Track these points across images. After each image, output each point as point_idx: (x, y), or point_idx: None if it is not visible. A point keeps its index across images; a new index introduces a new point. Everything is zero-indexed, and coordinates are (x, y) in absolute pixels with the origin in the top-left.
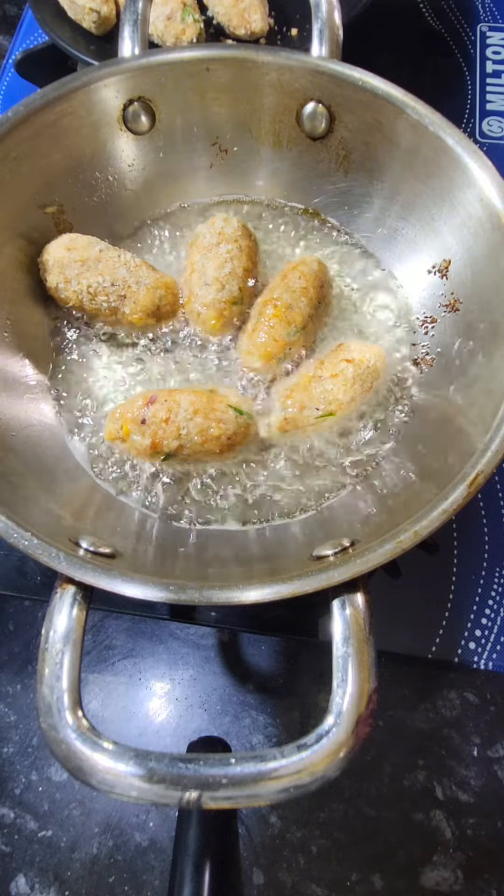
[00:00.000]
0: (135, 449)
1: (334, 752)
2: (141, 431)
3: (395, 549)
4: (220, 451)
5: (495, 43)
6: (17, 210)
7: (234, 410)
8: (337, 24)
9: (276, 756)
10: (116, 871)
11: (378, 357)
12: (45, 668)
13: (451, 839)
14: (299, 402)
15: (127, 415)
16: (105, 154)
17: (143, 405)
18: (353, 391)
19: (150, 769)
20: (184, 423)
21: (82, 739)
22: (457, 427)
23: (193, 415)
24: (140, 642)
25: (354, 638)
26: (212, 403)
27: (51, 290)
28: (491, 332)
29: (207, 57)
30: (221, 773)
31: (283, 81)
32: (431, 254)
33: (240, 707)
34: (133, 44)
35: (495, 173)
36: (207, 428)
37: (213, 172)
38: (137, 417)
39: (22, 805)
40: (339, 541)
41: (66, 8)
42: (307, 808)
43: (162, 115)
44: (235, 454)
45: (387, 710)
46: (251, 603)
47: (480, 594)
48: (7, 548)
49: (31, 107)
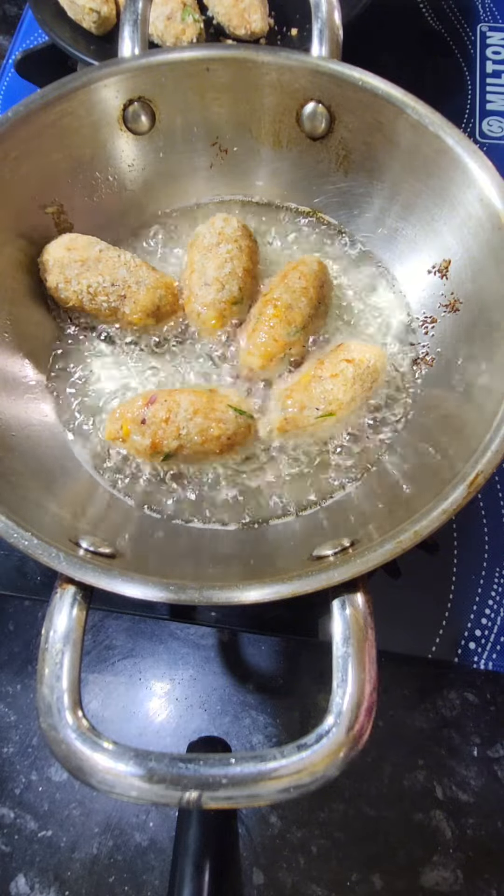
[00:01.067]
0: (135, 449)
1: (334, 751)
2: (141, 431)
3: (395, 548)
4: (220, 451)
5: (495, 43)
6: (17, 210)
7: (234, 410)
8: (337, 24)
9: (276, 756)
10: (116, 871)
11: (378, 357)
12: (45, 668)
13: (451, 839)
14: (299, 402)
15: (127, 415)
16: (105, 154)
17: (143, 405)
18: (353, 391)
19: (150, 769)
20: (184, 423)
21: (82, 739)
22: (457, 427)
23: (193, 415)
24: (140, 642)
25: (354, 638)
26: (212, 403)
27: (51, 290)
28: (490, 332)
29: (207, 57)
30: (221, 773)
31: (283, 81)
32: (431, 254)
33: (240, 707)
34: (133, 44)
35: (495, 173)
36: (207, 428)
37: (213, 173)
38: (137, 417)
39: (22, 805)
40: (338, 541)
41: (66, 8)
42: (307, 808)
43: (162, 116)
44: (235, 454)
45: (387, 710)
46: (251, 603)
47: (480, 594)
48: (7, 548)
49: (31, 107)
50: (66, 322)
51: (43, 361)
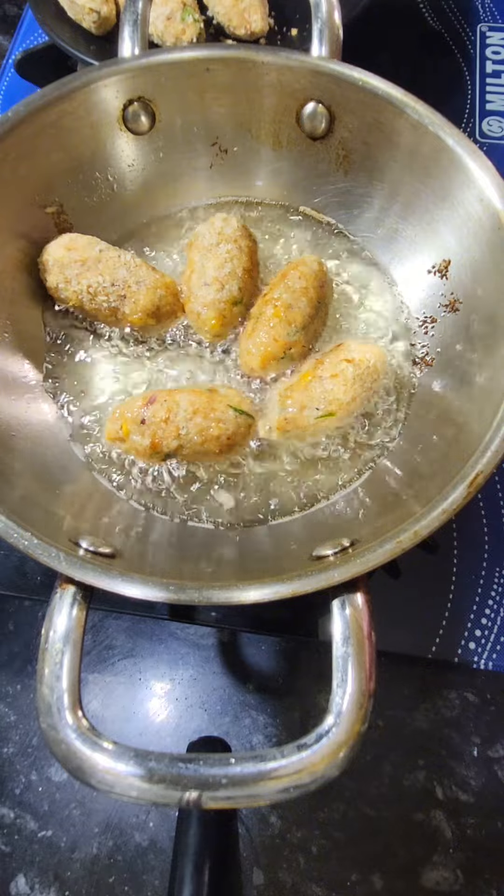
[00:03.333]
0: (134, 449)
1: (334, 751)
2: (140, 431)
3: (395, 548)
4: (219, 451)
5: (495, 43)
6: (17, 210)
7: (233, 410)
8: (337, 24)
9: (276, 756)
10: (116, 871)
11: (378, 357)
12: (45, 668)
13: (451, 839)
14: (299, 402)
15: (127, 415)
16: (105, 154)
17: (142, 405)
18: (353, 391)
19: (150, 769)
20: (183, 423)
21: (82, 739)
22: (456, 427)
23: (193, 415)
24: (140, 642)
25: (354, 638)
26: (211, 403)
27: (51, 290)
28: (490, 332)
29: (207, 57)
30: (221, 773)
31: (282, 81)
32: (431, 254)
33: (240, 707)
34: (133, 44)
35: (495, 173)
36: (207, 428)
37: (213, 173)
38: (137, 417)
39: (22, 805)
40: (338, 540)
41: (66, 8)
42: (307, 808)
43: (162, 116)
44: (235, 454)
45: (387, 710)
46: (251, 603)
47: (480, 594)
48: (7, 548)
49: (31, 107)
50: (65, 322)
51: (43, 361)
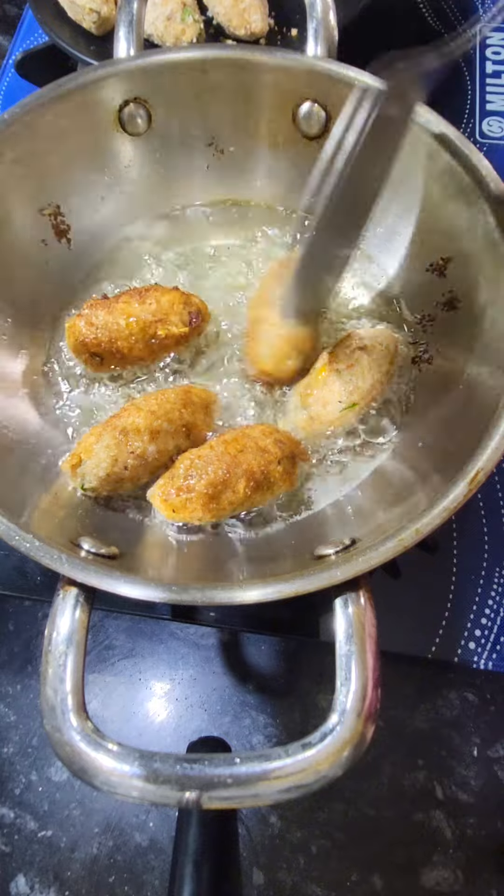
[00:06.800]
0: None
1: (339, 750)
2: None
3: (396, 546)
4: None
5: (495, 43)
6: (14, 211)
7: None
8: (332, 24)
9: (281, 755)
10: (116, 871)
11: (389, 339)
12: (49, 670)
13: (451, 839)
14: (321, 398)
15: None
16: (102, 155)
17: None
18: (372, 377)
19: (154, 770)
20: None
21: (87, 741)
22: (456, 425)
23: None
24: (140, 642)
25: (357, 636)
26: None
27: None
28: (490, 330)
29: (203, 58)
30: (227, 773)
31: (278, 81)
32: (430, 252)
33: (240, 707)
34: (129, 44)
35: (494, 174)
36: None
37: (210, 173)
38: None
39: (22, 805)
40: (340, 539)
41: (66, 8)
42: (307, 808)
43: (158, 116)
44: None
45: (387, 709)
46: (253, 602)
47: (480, 594)
48: (7, 548)
49: (27, 108)
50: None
51: (42, 362)
